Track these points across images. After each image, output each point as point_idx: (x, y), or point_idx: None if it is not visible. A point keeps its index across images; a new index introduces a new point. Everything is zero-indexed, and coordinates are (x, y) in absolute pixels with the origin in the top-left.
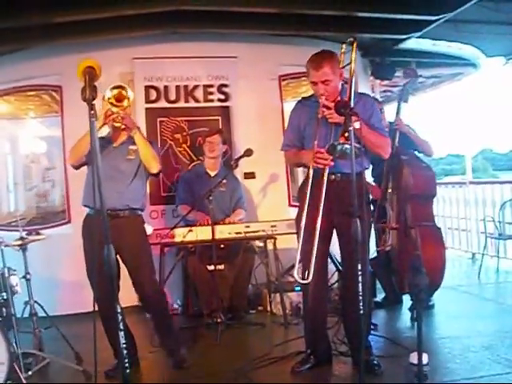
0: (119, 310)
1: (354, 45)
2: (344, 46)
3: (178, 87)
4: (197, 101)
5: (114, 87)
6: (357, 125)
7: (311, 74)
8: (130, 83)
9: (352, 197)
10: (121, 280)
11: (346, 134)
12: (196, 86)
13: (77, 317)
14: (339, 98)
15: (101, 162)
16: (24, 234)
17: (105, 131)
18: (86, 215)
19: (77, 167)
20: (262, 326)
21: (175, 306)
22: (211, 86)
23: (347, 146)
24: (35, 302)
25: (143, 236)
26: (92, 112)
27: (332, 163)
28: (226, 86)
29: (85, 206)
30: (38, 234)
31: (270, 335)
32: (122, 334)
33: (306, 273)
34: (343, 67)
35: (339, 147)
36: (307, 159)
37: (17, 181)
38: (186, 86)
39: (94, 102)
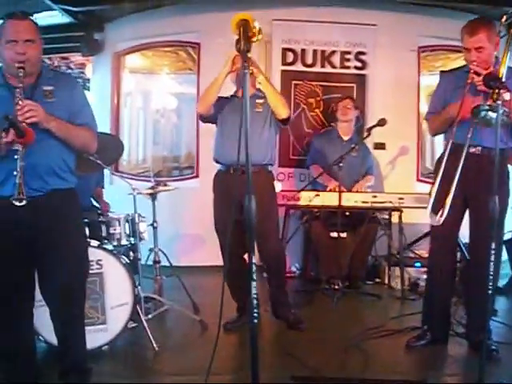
0: (254, 261)
1: None
2: (504, 17)
3: (315, 51)
4: (333, 66)
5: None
6: (507, 96)
7: (465, 39)
8: (268, 44)
9: (492, 173)
10: None
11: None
12: (333, 52)
13: (196, 269)
14: (491, 69)
15: (229, 118)
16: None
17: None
18: (218, 170)
19: (204, 119)
20: (378, 298)
21: (293, 268)
22: (349, 52)
23: (492, 115)
24: (160, 250)
25: (272, 192)
26: (245, 64)
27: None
28: (363, 53)
29: (216, 161)
30: (165, 185)
31: (386, 308)
32: (254, 284)
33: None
34: (501, 37)
35: (483, 112)
36: (452, 110)
37: (146, 134)
38: (323, 51)
39: (247, 54)
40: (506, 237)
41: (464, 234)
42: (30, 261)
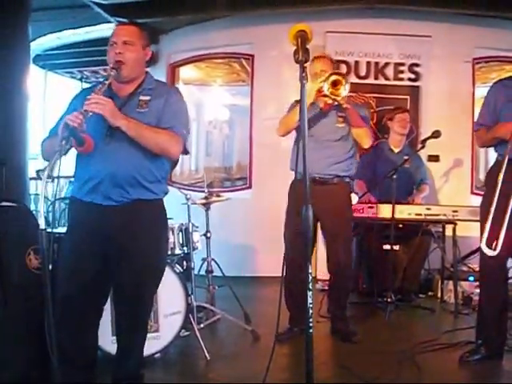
0: (310, 271)
1: None
2: None
3: (368, 63)
4: (386, 78)
5: (338, 73)
6: None
7: None
8: None
9: None
10: None
11: None
12: (387, 64)
13: (248, 279)
14: None
15: (310, 128)
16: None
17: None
18: (294, 179)
19: (283, 135)
20: (431, 312)
21: None
22: (402, 64)
23: None
24: (212, 259)
25: (349, 205)
26: (303, 74)
27: None
28: (417, 65)
29: (292, 170)
30: (218, 196)
31: (439, 321)
32: (310, 293)
33: (494, 244)
34: None
35: None
36: (503, 131)
37: (199, 145)
38: (376, 63)
39: (305, 65)
40: None
41: None
42: (104, 265)
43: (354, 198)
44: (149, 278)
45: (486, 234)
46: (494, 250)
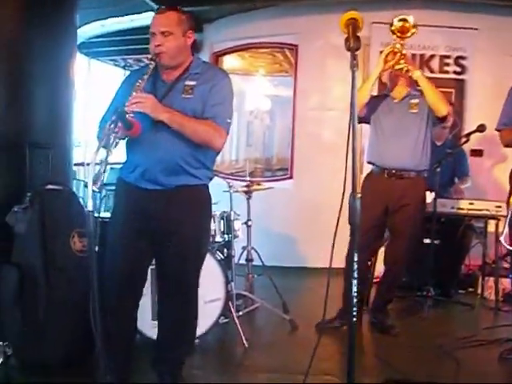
0: (356, 259)
1: None
2: None
3: (413, 55)
4: (432, 71)
5: (400, 19)
6: None
7: None
8: (367, 48)
9: None
10: None
11: None
12: (432, 56)
13: (287, 269)
14: None
15: (384, 119)
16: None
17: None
18: (371, 171)
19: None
20: (470, 308)
21: None
22: (448, 57)
23: None
24: (253, 248)
25: (422, 203)
26: (355, 62)
27: None
28: (463, 58)
29: (369, 162)
30: (259, 185)
31: (478, 318)
32: (355, 282)
33: None
34: None
35: None
36: None
37: (240, 135)
38: (422, 55)
39: (356, 53)
40: None
41: None
42: (149, 249)
43: (430, 195)
44: (190, 261)
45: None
46: None
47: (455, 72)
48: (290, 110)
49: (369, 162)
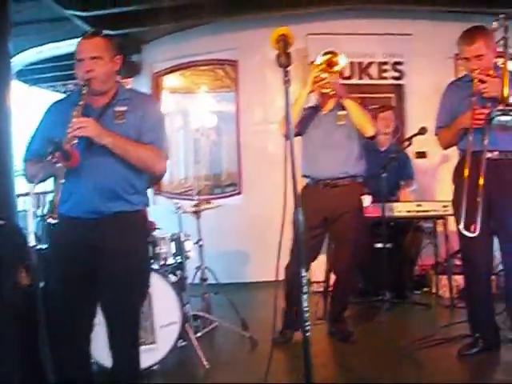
0: (304, 274)
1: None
2: (497, 22)
3: (352, 64)
4: (371, 78)
5: (326, 53)
6: None
7: (463, 49)
8: (305, 59)
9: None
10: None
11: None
12: (370, 63)
13: (243, 285)
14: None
15: (312, 131)
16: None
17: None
18: (306, 184)
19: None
20: (427, 307)
21: None
22: (386, 63)
23: (508, 119)
24: (206, 267)
25: (359, 207)
26: (286, 78)
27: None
28: (400, 63)
29: (303, 175)
30: (208, 203)
31: (435, 317)
32: (305, 297)
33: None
34: (497, 42)
35: (497, 118)
36: (464, 120)
37: (187, 153)
38: (360, 63)
39: (288, 69)
40: None
41: None
42: (92, 278)
43: (368, 199)
44: (131, 288)
45: (462, 219)
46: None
47: (394, 77)
48: (235, 125)
49: (304, 176)
